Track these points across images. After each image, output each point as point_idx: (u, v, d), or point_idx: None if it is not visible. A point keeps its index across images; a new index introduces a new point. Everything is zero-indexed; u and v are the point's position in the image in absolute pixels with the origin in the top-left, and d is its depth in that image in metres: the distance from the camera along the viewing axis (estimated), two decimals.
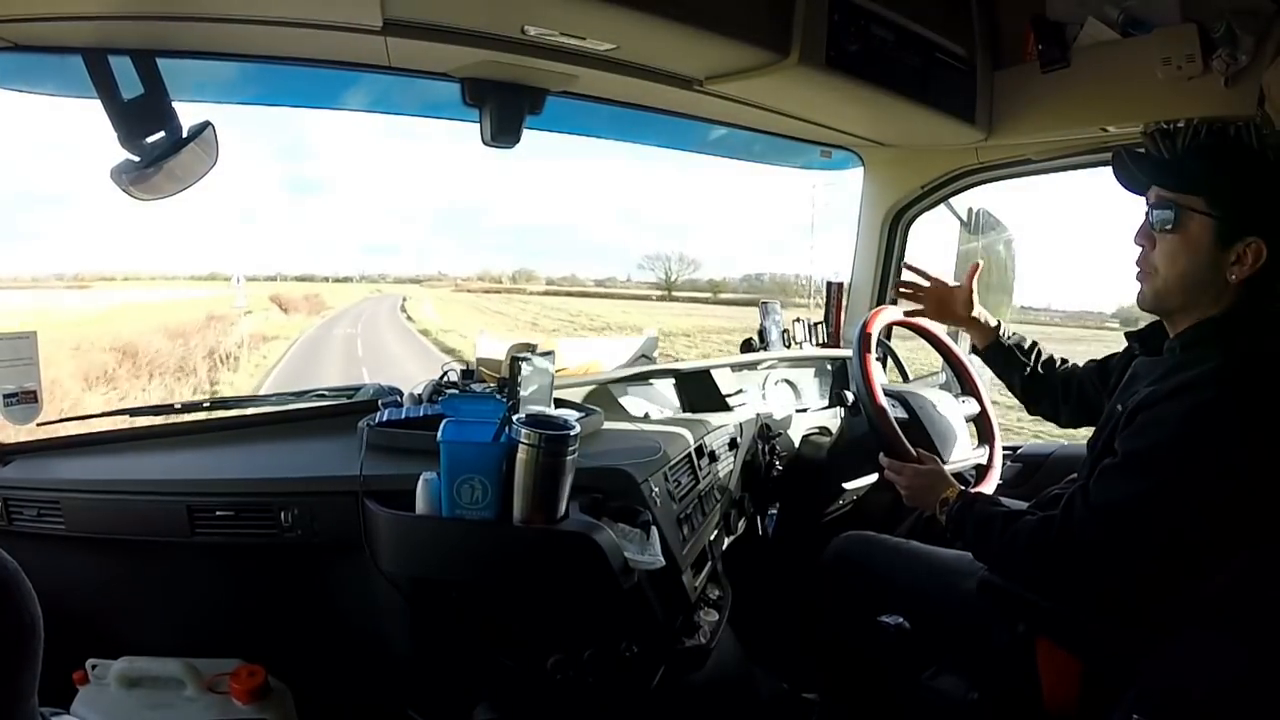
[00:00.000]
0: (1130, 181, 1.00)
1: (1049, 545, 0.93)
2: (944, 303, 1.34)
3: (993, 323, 1.32)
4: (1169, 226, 0.94)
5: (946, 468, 1.20)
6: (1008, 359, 1.27)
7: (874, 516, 1.65)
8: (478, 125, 1.43)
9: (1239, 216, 0.89)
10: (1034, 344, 1.29)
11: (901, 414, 1.34)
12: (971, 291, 1.32)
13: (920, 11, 1.44)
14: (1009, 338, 1.29)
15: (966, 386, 1.54)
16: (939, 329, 1.56)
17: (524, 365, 1.18)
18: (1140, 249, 0.98)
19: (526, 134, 1.43)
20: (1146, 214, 0.97)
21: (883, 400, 1.27)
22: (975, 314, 1.32)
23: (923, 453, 1.22)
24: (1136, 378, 1.01)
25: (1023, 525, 0.97)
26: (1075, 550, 0.91)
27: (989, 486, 1.36)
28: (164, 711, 1.03)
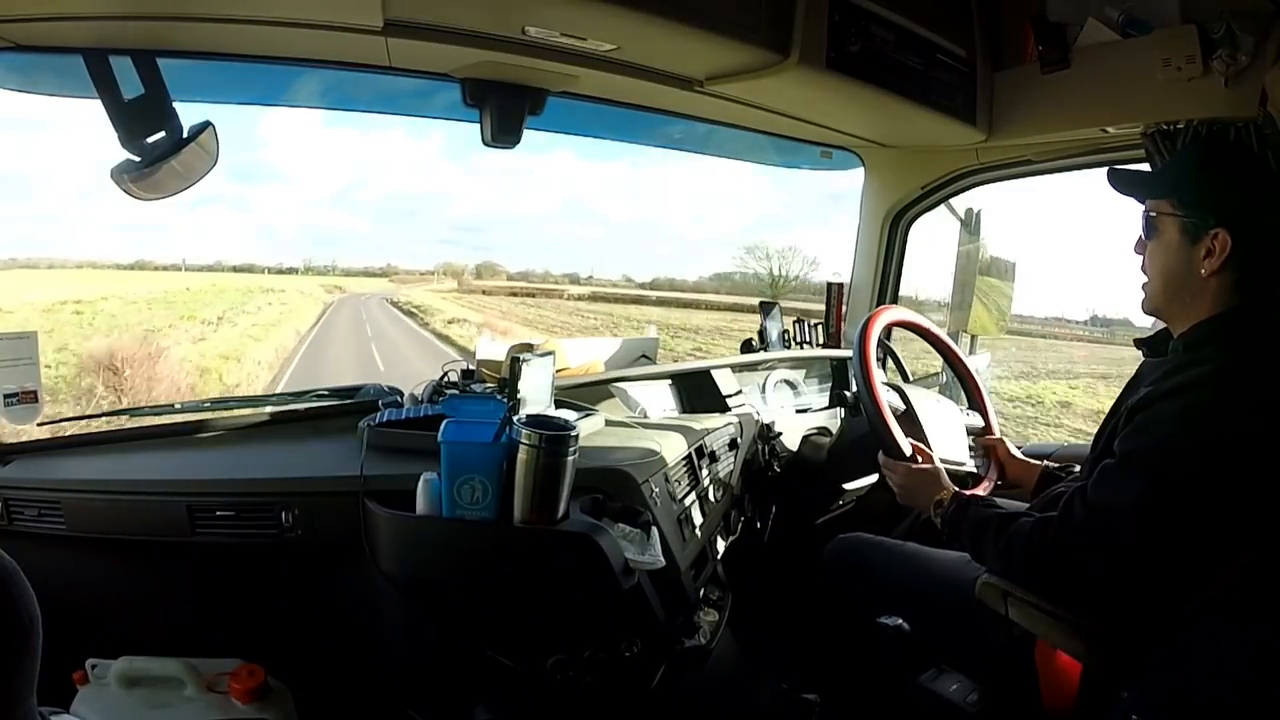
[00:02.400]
0: (1127, 194, 1.02)
1: (1047, 546, 0.93)
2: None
3: (1034, 462, 1.37)
4: (1148, 234, 0.98)
5: (943, 466, 1.20)
6: (1054, 482, 1.29)
7: (873, 517, 1.65)
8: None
9: (1200, 210, 0.92)
10: (1074, 467, 1.32)
11: (897, 402, 1.35)
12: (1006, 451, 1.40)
13: (920, 12, 1.44)
14: (1052, 467, 1.34)
15: (967, 386, 1.54)
16: (939, 329, 1.56)
17: (524, 365, 1.18)
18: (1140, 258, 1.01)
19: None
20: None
21: (883, 401, 1.27)
22: (1021, 459, 1.38)
23: (918, 446, 1.22)
24: (1140, 379, 1.01)
25: (1020, 526, 0.97)
26: (1073, 551, 0.91)
27: (989, 488, 1.36)
28: (164, 711, 1.03)
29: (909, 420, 1.34)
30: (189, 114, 1.17)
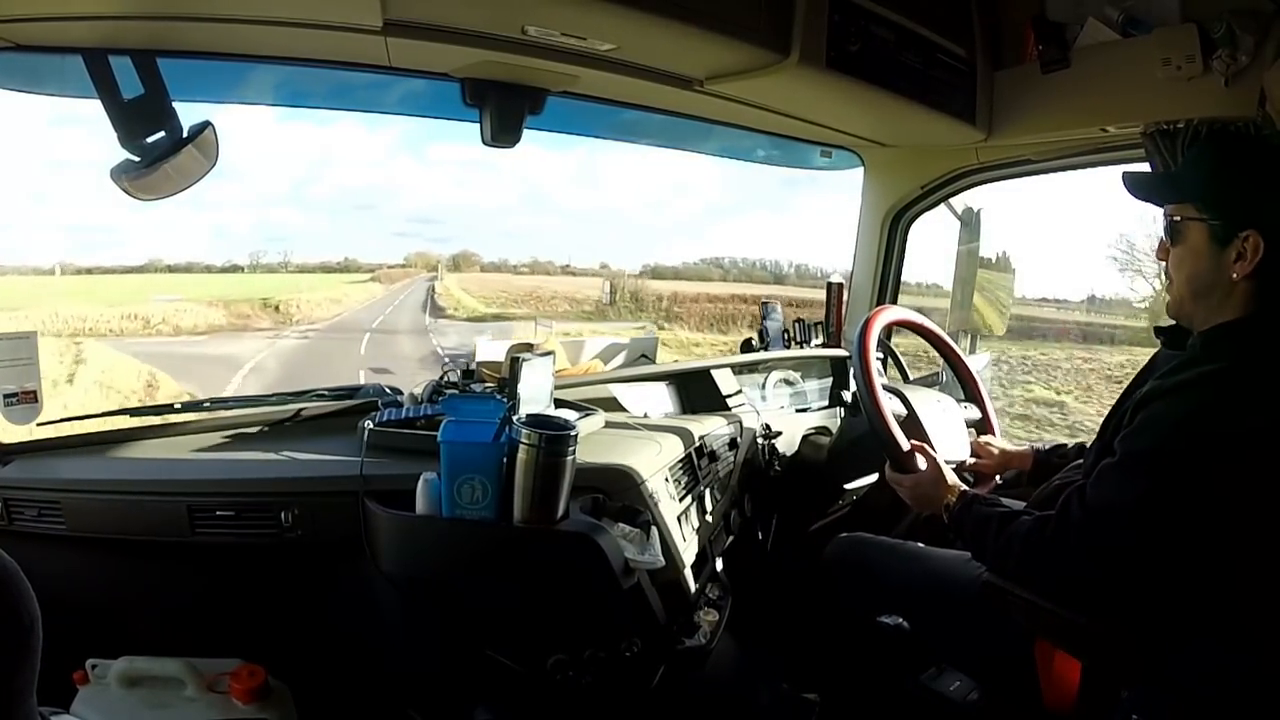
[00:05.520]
0: (1146, 199, 1.01)
1: (1045, 545, 0.93)
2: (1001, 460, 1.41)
3: (1024, 448, 1.37)
4: (1173, 239, 0.95)
5: (945, 464, 1.19)
6: (1049, 466, 1.30)
7: (874, 516, 1.65)
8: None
9: (1230, 214, 0.89)
10: (1064, 445, 1.33)
11: (899, 409, 1.35)
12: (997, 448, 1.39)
13: (921, 12, 1.44)
14: (1045, 450, 1.34)
15: (966, 386, 1.54)
16: (939, 329, 1.56)
17: (524, 365, 1.18)
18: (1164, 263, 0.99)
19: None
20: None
21: (883, 402, 1.27)
22: (1011, 450, 1.38)
23: (919, 446, 1.21)
24: (1153, 369, 1.00)
25: (1019, 525, 0.97)
26: (1070, 551, 0.91)
27: (991, 486, 1.36)
28: (164, 711, 1.03)
29: (912, 424, 1.34)
30: (188, 114, 1.17)
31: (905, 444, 1.22)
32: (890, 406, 1.29)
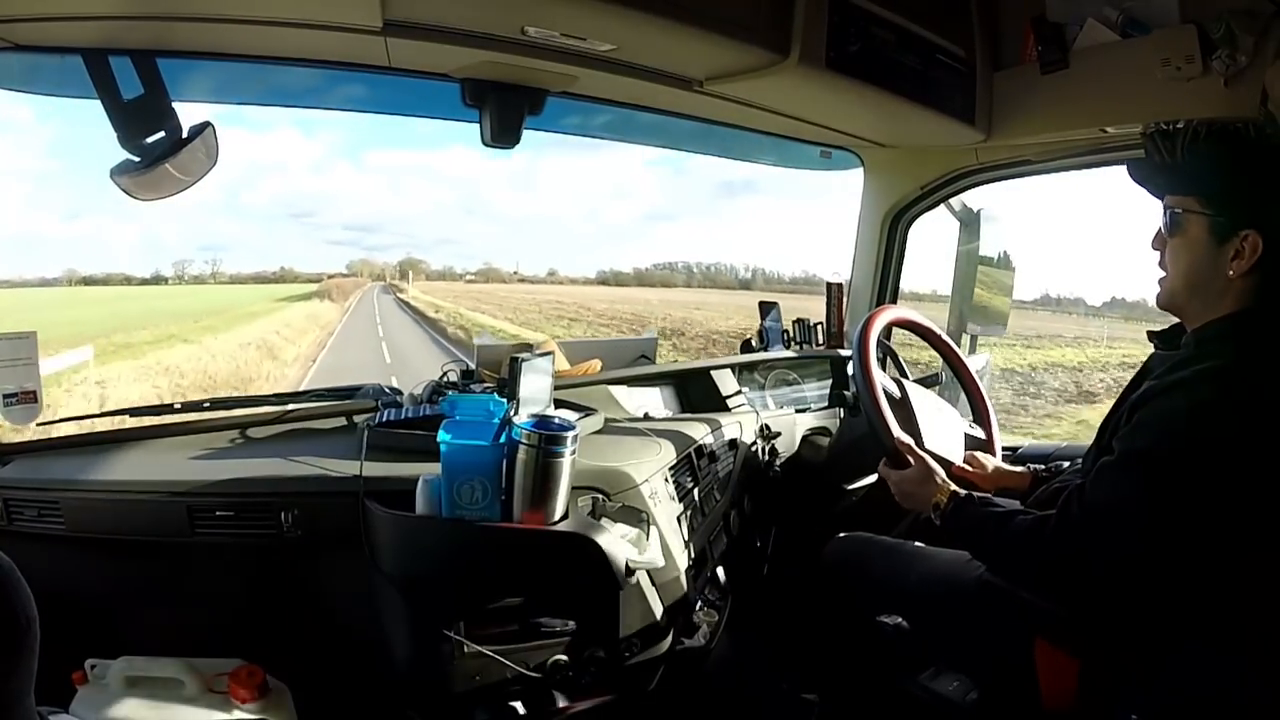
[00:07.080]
0: (1146, 188, 1.01)
1: (1044, 545, 0.93)
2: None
3: (1019, 470, 1.35)
4: (1171, 230, 0.96)
5: (933, 462, 1.19)
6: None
7: (873, 516, 1.65)
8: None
9: (1231, 211, 0.90)
10: (1063, 466, 1.31)
11: (893, 389, 1.34)
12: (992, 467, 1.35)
13: (920, 12, 1.44)
14: (1044, 472, 1.32)
15: (966, 387, 1.54)
16: (940, 329, 1.56)
17: (523, 366, 1.18)
18: (1159, 253, 0.99)
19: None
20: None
21: (883, 402, 1.27)
22: (1007, 469, 1.35)
23: (905, 444, 1.21)
24: (1148, 371, 1.00)
25: (1018, 525, 0.97)
26: (1070, 551, 0.91)
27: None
28: (164, 711, 1.03)
29: (903, 408, 1.34)
30: (189, 114, 1.17)
31: (897, 428, 1.22)
32: (882, 380, 1.29)
